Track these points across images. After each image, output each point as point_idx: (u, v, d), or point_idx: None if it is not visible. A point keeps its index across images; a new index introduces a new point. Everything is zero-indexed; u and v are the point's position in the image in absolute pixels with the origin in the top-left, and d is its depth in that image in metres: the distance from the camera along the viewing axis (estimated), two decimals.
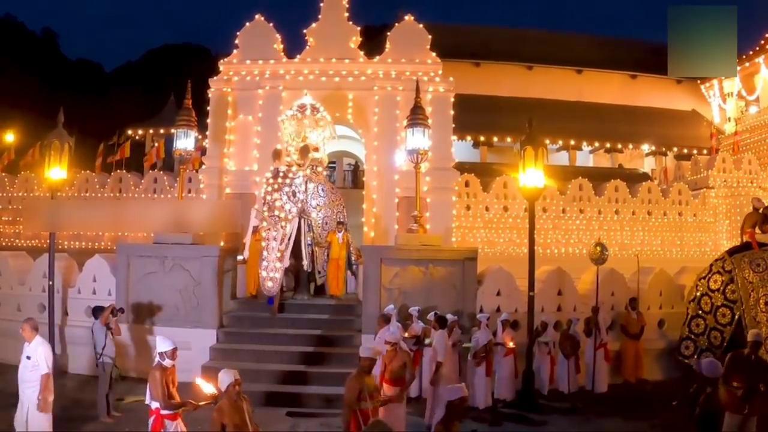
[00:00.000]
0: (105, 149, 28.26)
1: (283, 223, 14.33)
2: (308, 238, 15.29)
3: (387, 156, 17.66)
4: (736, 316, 13.40)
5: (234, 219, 13.59)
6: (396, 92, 17.84)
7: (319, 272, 15.83)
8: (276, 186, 14.63)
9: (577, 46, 34.05)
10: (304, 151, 15.50)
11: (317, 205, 15.55)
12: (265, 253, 14.21)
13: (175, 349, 8.15)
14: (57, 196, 15.17)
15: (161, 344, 8.19)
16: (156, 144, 30.94)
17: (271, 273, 14.06)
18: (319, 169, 16.32)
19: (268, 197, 14.61)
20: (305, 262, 15.17)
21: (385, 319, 11.95)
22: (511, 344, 12.61)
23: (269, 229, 14.33)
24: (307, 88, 17.35)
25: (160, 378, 7.87)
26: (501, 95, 29.92)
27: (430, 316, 12.00)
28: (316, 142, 16.23)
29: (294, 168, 15.01)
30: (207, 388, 7.39)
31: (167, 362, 8.05)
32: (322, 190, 15.78)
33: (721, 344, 13.35)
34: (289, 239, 14.43)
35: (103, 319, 11.28)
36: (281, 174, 14.77)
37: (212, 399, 7.24)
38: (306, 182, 15.16)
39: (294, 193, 14.72)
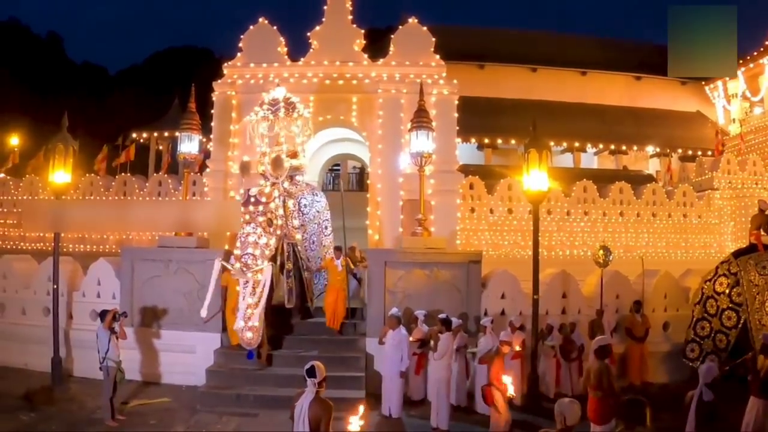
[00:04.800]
0: (109, 152, 28.30)
1: (257, 263, 12.17)
2: (289, 267, 13.59)
3: (391, 159, 17.64)
4: (742, 319, 13.35)
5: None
6: (400, 95, 17.84)
7: (310, 300, 14.50)
8: (247, 217, 12.52)
9: (582, 47, 34.00)
10: (278, 163, 13.73)
11: (301, 224, 14.05)
12: (240, 299, 12.27)
13: None
14: (61, 199, 15.18)
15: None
16: (160, 147, 31.13)
17: (250, 322, 12.13)
18: (299, 178, 14.77)
19: (240, 230, 12.55)
20: (285, 298, 13.39)
21: (398, 320, 11.96)
22: (517, 348, 12.58)
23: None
24: (311, 91, 17.39)
25: None
26: (505, 97, 29.86)
27: (442, 316, 11.95)
28: (294, 146, 14.49)
29: (267, 188, 13.01)
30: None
31: None
32: (304, 205, 14.32)
33: (726, 347, 13.31)
34: (266, 283, 12.26)
35: (106, 323, 11.27)
36: (252, 200, 12.61)
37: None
38: (284, 202, 13.38)
39: (270, 222, 12.60)
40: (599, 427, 8.95)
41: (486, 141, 29.42)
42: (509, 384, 9.55)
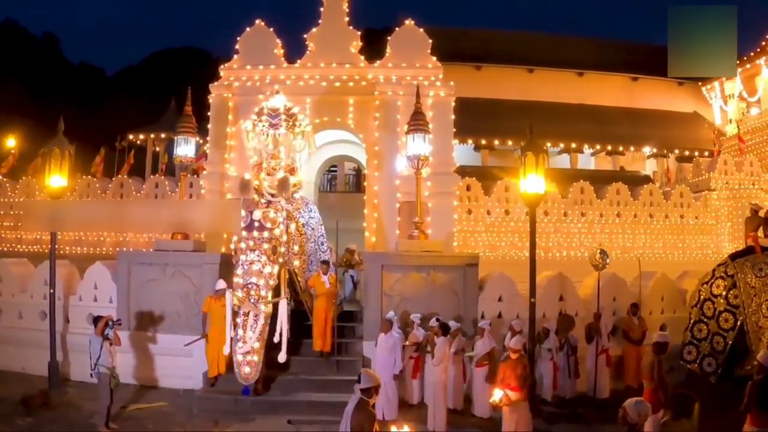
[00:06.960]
0: (106, 154, 28.23)
1: (260, 293, 11.70)
2: (289, 295, 12.80)
3: (388, 161, 17.58)
4: (739, 322, 13.33)
5: (236, 219, 12.30)
6: (397, 97, 17.78)
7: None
8: (251, 243, 11.86)
9: (578, 48, 33.97)
10: (284, 184, 12.71)
11: (300, 247, 13.34)
12: (240, 332, 11.57)
13: None
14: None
15: None
16: (157, 148, 31.10)
17: (249, 356, 11.51)
18: (296, 195, 14.18)
19: (243, 257, 11.87)
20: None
21: (389, 324, 11.99)
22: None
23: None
24: (308, 93, 17.35)
25: None
26: (502, 98, 29.85)
27: (433, 322, 11.95)
28: (292, 160, 13.77)
29: (271, 212, 12.11)
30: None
31: None
32: (303, 224, 13.75)
33: (723, 349, 13.28)
34: (282, 320, 11.80)
35: (98, 330, 11.14)
36: (256, 224, 11.87)
37: None
38: (287, 227, 12.49)
39: (274, 249, 11.90)
40: (650, 417, 9.27)
41: (483, 142, 29.40)
42: (496, 392, 9.63)
